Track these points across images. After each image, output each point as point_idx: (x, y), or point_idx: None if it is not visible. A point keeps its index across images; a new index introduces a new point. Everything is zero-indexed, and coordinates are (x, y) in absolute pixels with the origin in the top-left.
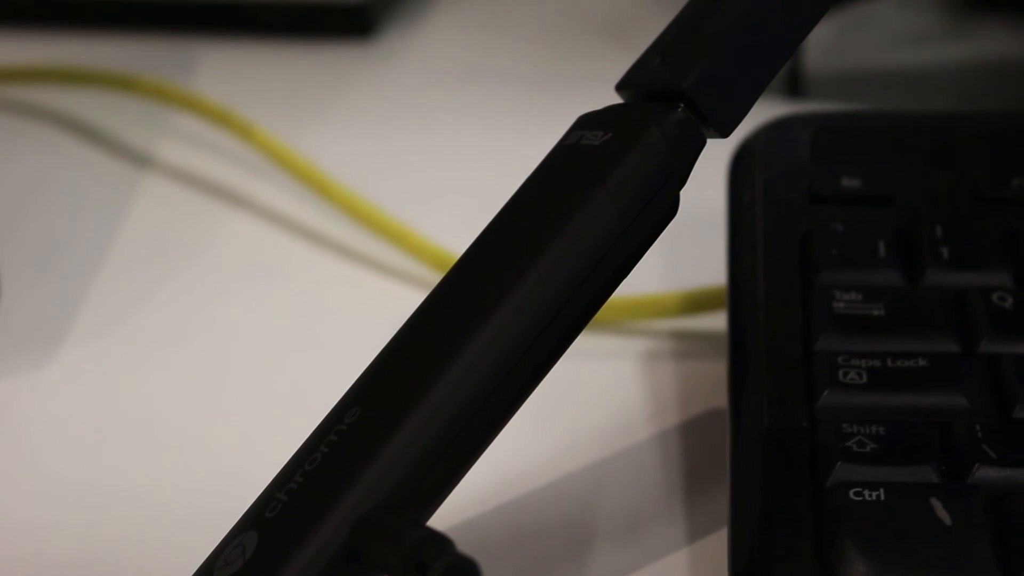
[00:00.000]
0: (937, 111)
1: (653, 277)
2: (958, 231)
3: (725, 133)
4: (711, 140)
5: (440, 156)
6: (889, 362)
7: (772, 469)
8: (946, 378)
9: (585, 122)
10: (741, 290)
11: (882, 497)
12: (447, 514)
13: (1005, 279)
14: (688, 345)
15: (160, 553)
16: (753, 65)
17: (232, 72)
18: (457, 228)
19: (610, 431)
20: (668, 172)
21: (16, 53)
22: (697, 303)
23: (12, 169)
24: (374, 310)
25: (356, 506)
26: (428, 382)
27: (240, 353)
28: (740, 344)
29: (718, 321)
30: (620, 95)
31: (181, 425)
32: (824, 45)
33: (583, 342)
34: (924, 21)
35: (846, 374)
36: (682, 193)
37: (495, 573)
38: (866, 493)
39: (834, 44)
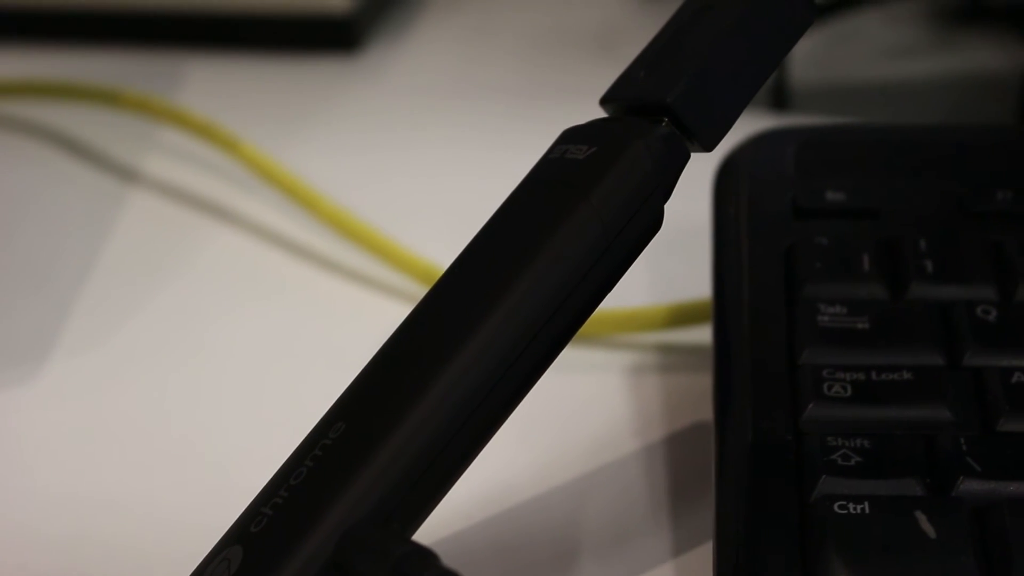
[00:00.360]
0: (921, 124)
1: (638, 290)
2: (942, 244)
3: (709, 147)
4: (696, 153)
5: (426, 169)
6: (874, 375)
7: (757, 482)
8: (930, 391)
9: (569, 136)
10: (726, 304)
11: (867, 510)
12: (432, 528)
13: (989, 292)
14: (673, 358)
15: (146, 566)
16: (737, 80)
17: (218, 86)
18: (442, 241)
19: (595, 444)
20: (652, 186)
21: (1, 68)
22: (682, 316)
23: None
24: (359, 323)
25: (342, 520)
26: (413, 397)
27: (225, 367)
28: (725, 357)
29: (703, 334)
30: (604, 109)
31: (167, 438)
32: (810, 58)
33: (569, 355)
34: (909, 34)
35: (831, 387)
36: (668, 206)
37: None
38: (851, 506)
39: (820, 57)
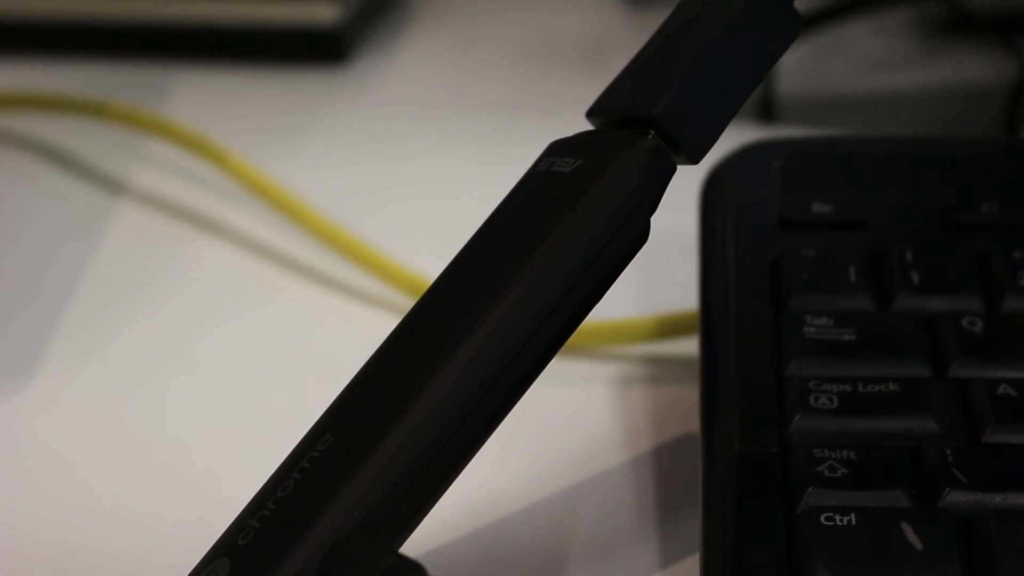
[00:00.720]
0: (908, 136)
1: (626, 302)
2: (928, 256)
3: (695, 160)
4: (683, 165)
5: (414, 181)
6: (860, 387)
7: (744, 494)
8: (916, 403)
9: (556, 149)
10: (712, 315)
11: (853, 522)
12: (420, 540)
13: (975, 304)
14: (661, 370)
15: None
16: (723, 92)
17: (205, 98)
18: (430, 253)
19: (583, 456)
20: (638, 199)
21: None
22: (670, 328)
23: None
24: (347, 335)
25: (329, 533)
26: (400, 409)
27: (213, 379)
28: (712, 369)
29: (691, 346)
30: (591, 122)
31: (155, 451)
32: (797, 70)
33: (556, 367)
34: (896, 46)
35: (817, 399)
36: (655, 218)
37: None
38: (837, 518)
39: (807, 69)
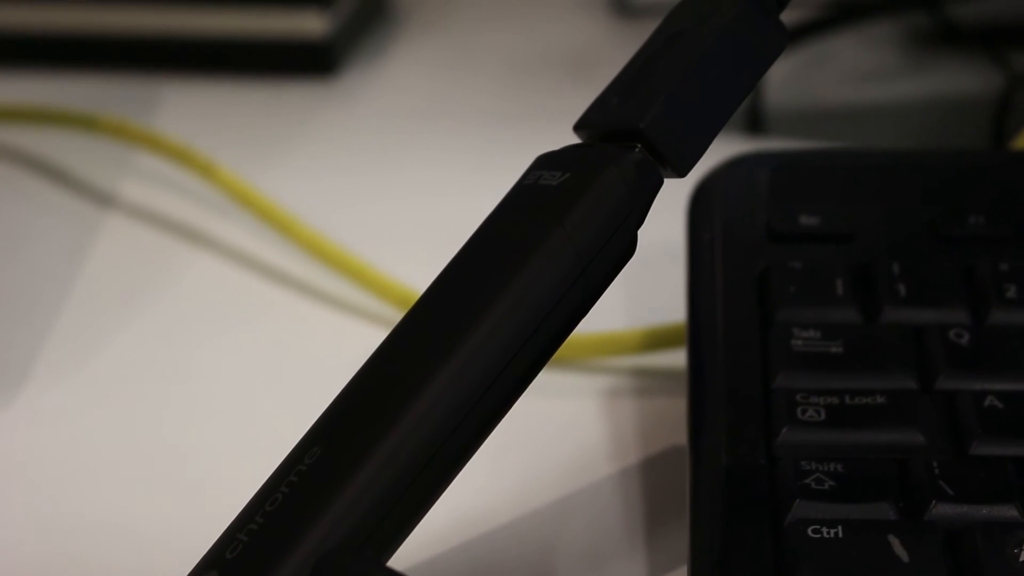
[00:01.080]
0: (895, 149)
1: (614, 314)
2: (915, 268)
3: (682, 173)
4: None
5: (402, 193)
6: (847, 399)
7: (731, 506)
8: (903, 415)
9: (543, 162)
10: (700, 328)
11: (840, 534)
12: (408, 553)
13: (962, 316)
14: (649, 382)
15: None
16: (710, 106)
17: (194, 110)
18: (419, 266)
19: (571, 468)
20: (625, 213)
21: None
22: (658, 340)
23: None
24: (336, 348)
25: (316, 546)
26: (388, 422)
27: (202, 392)
28: (699, 382)
29: (679, 358)
30: (578, 135)
31: (145, 464)
32: (784, 81)
33: (544, 379)
34: (883, 58)
35: (804, 411)
36: (643, 229)
37: None
38: (824, 531)
39: (794, 80)
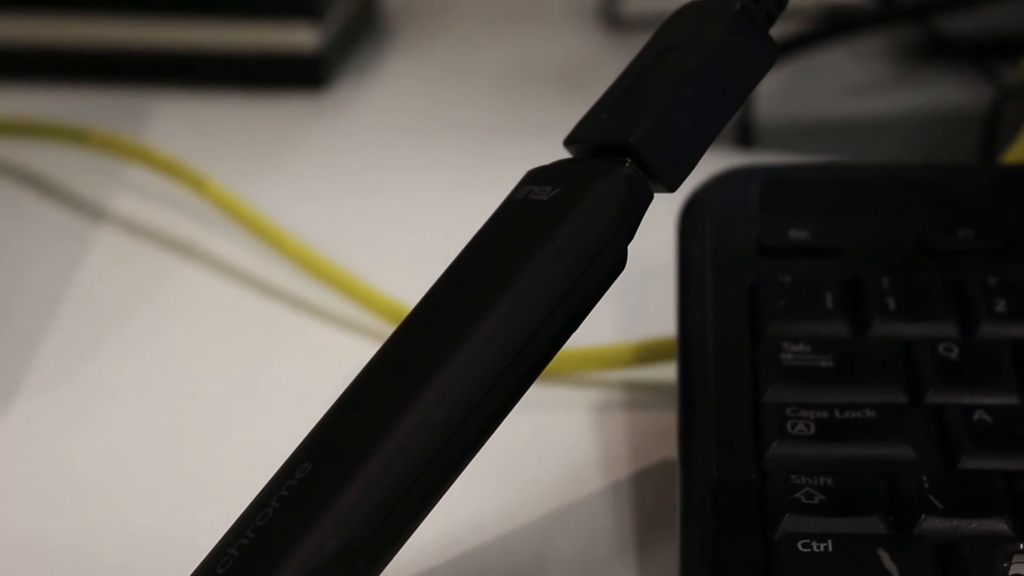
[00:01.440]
0: (884, 163)
1: (604, 328)
2: (904, 282)
3: (672, 188)
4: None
5: (393, 207)
6: (837, 413)
7: (722, 521)
8: (893, 429)
9: (534, 177)
10: (690, 342)
11: (830, 549)
12: (398, 568)
13: (951, 330)
14: (640, 396)
15: None
16: (700, 120)
17: (185, 124)
18: (410, 280)
19: (561, 482)
20: (616, 227)
21: None
22: (648, 354)
23: None
24: (326, 362)
25: (307, 561)
26: (378, 437)
27: (192, 406)
28: (689, 396)
29: (669, 372)
30: (569, 150)
31: (134, 479)
32: (774, 95)
33: (534, 393)
34: (873, 71)
35: (794, 425)
36: (634, 243)
37: None
38: (814, 545)
39: (784, 94)
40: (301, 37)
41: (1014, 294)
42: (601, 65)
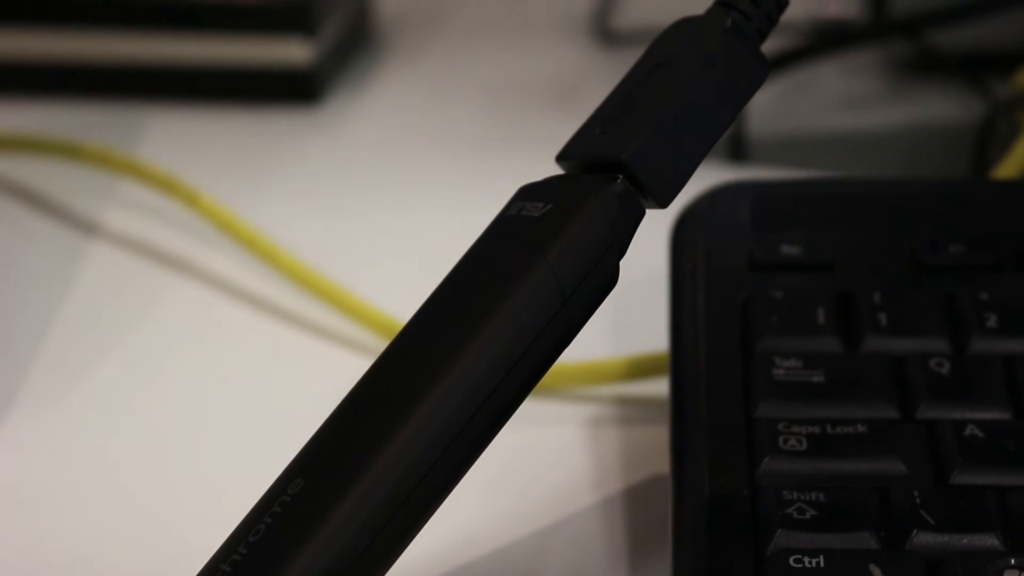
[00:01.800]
0: (875, 178)
1: (596, 343)
2: (896, 298)
3: (664, 204)
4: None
5: (385, 222)
6: (828, 428)
7: (714, 536)
8: (884, 444)
9: (526, 193)
10: (682, 357)
11: (822, 564)
12: None
13: (942, 345)
14: (632, 411)
15: None
16: (691, 136)
17: (178, 139)
18: (402, 295)
19: (554, 497)
20: (607, 244)
21: None
22: (641, 369)
23: None
24: (320, 377)
25: None
26: (371, 453)
27: (186, 421)
28: (681, 412)
29: (662, 387)
30: (561, 166)
31: (128, 494)
32: (766, 110)
33: (527, 408)
34: (865, 86)
35: (786, 441)
36: (626, 259)
37: None
38: (806, 560)
39: (776, 108)
40: (294, 52)
41: (1005, 309)
42: (593, 80)
